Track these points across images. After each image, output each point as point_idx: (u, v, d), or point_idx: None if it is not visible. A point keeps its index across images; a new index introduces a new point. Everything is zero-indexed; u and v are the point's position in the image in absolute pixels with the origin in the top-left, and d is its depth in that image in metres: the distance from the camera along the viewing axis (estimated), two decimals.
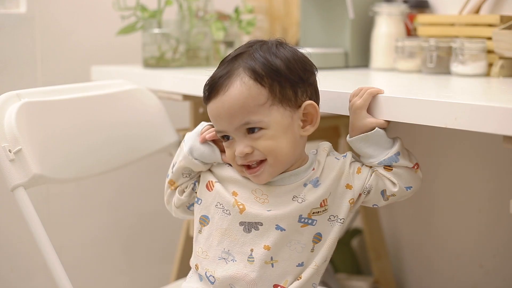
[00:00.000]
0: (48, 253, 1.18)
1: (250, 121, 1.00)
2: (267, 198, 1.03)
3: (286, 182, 1.04)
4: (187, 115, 1.75)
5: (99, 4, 1.93)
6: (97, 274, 2.01)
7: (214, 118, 1.03)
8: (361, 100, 1.03)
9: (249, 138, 1.01)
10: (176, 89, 1.51)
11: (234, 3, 1.90)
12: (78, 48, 1.92)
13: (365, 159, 1.07)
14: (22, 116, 1.22)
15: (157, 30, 1.66)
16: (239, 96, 1.00)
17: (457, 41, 1.39)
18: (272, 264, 1.02)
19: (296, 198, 1.03)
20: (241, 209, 1.03)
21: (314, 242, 1.05)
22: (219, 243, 1.04)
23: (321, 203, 1.04)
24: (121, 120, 1.46)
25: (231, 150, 1.03)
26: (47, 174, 1.23)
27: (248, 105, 1.00)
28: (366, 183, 1.07)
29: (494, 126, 0.87)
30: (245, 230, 1.03)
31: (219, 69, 1.05)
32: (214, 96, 1.02)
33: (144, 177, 2.05)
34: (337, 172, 1.06)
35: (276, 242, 1.02)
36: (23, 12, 1.81)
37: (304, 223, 1.03)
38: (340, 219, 1.06)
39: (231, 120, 1.01)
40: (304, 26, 1.75)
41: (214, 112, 1.03)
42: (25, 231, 1.24)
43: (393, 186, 1.07)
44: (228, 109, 1.00)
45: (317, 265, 1.05)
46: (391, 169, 1.06)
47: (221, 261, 1.04)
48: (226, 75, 1.02)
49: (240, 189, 1.05)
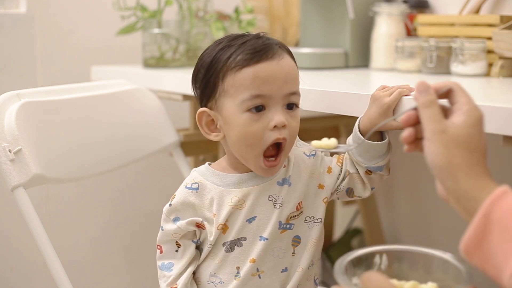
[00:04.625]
0: (48, 253, 1.18)
1: (297, 92, 0.99)
2: (244, 202, 1.01)
3: (258, 182, 1.02)
4: (187, 115, 1.75)
5: (99, 4, 1.93)
6: (98, 274, 2.01)
7: (264, 80, 0.96)
8: (391, 98, 0.99)
9: (285, 112, 0.98)
10: (176, 89, 1.51)
11: (234, 3, 1.90)
12: (78, 48, 1.92)
13: (355, 155, 1.06)
14: (22, 116, 1.22)
15: (157, 30, 1.66)
16: (294, 67, 1.00)
17: (457, 41, 1.39)
18: (259, 275, 1.02)
19: (272, 198, 1.02)
20: (223, 229, 1.01)
21: (293, 245, 1.04)
22: (207, 266, 1.04)
23: (297, 206, 1.03)
24: (121, 120, 1.46)
25: (260, 125, 0.96)
26: (47, 174, 1.23)
27: (298, 79, 1.00)
28: (338, 184, 1.07)
29: (494, 126, 0.87)
30: (227, 250, 1.02)
31: (251, 41, 0.98)
32: (269, 58, 0.96)
33: (144, 177, 2.05)
34: (309, 173, 1.05)
35: (260, 253, 1.01)
36: (23, 12, 1.81)
37: (283, 229, 1.02)
38: (318, 219, 1.06)
39: (284, 84, 0.97)
40: (304, 26, 1.75)
41: (267, 73, 0.96)
42: (25, 231, 1.24)
43: (363, 189, 1.08)
44: (286, 73, 0.97)
45: (302, 268, 1.04)
46: (371, 174, 1.07)
47: (210, 285, 1.04)
48: (276, 45, 0.99)
49: (219, 208, 1.01)
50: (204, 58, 1.01)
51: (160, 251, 1.05)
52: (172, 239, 1.04)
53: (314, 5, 1.72)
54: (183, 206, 1.02)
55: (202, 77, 1.01)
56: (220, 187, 1.02)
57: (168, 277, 1.03)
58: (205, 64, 1.00)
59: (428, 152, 0.78)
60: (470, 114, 0.77)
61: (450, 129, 0.77)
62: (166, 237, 1.04)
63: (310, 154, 1.07)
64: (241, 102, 0.96)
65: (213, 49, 1.01)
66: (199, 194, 1.02)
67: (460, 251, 0.74)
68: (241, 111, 0.96)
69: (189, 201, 1.02)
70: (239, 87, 0.96)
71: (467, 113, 0.77)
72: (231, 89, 0.97)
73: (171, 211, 1.03)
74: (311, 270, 1.06)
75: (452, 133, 0.76)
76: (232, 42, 0.99)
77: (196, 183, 1.03)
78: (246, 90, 0.96)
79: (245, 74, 0.96)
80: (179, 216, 1.03)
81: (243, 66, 0.96)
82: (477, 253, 0.73)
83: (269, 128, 0.96)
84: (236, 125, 0.97)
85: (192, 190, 1.02)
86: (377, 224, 1.94)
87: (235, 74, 0.96)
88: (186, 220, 1.02)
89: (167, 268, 1.04)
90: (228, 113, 0.98)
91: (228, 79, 0.97)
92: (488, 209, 0.71)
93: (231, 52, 0.98)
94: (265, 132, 0.96)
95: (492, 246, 0.71)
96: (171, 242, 1.04)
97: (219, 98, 0.99)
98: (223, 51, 0.99)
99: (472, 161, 0.75)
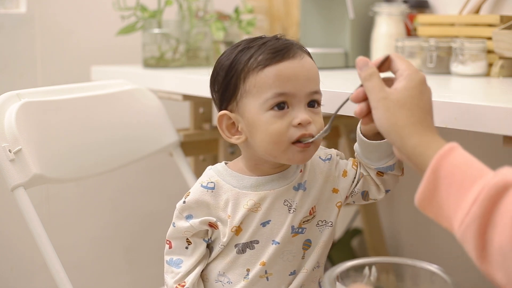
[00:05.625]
0: (48, 253, 1.18)
1: (318, 91, 0.99)
2: (260, 206, 1.00)
3: (275, 186, 1.01)
4: (187, 115, 1.75)
5: (99, 4, 1.93)
6: (98, 274, 2.01)
7: (287, 78, 0.95)
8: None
9: (308, 111, 0.97)
10: (176, 89, 1.50)
11: (234, 3, 1.90)
12: (78, 48, 1.92)
13: (362, 158, 1.06)
14: (22, 116, 1.22)
15: (157, 30, 1.66)
16: (315, 66, 0.99)
17: (457, 41, 1.39)
18: (267, 277, 1.01)
19: (287, 203, 1.01)
20: (237, 231, 1.01)
21: (304, 249, 1.04)
22: (216, 265, 1.04)
23: (310, 211, 1.03)
24: (121, 120, 1.46)
25: (284, 122, 0.95)
26: (47, 174, 1.23)
27: (319, 78, 1.00)
28: (353, 187, 1.07)
29: (494, 126, 0.87)
30: (239, 252, 1.01)
31: (271, 41, 0.98)
32: (291, 57, 0.96)
33: (144, 177, 2.06)
34: (324, 177, 1.05)
35: (271, 256, 1.01)
36: (23, 12, 1.81)
37: (295, 233, 1.02)
38: (329, 223, 1.05)
39: (307, 83, 0.96)
40: (304, 26, 1.75)
41: (290, 71, 0.95)
42: (25, 231, 1.24)
43: (377, 192, 1.07)
44: (308, 71, 0.97)
45: (307, 270, 1.03)
46: (383, 175, 1.06)
47: (218, 284, 1.03)
48: (295, 45, 0.99)
49: (234, 210, 1.01)
50: (223, 61, 1.00)
51: (170, 246, 1.04)
52: (183, 236, 1.03)
53: (314, 5, 1.72)
54: (197, 204, 1.01)
55: (221, 79, 0.99)
56: (237, 189, 1.00)
57: (176, 274, 1.02)
58: (225, 67, 0.99)
59: (375, 118, 0.85)
60: (410, 78, 0.84)
61: (392, 95, 0.83)
62: (177, 234, 1.03)
63: (325, 159, 1.06)
64: (264, 101, 0.95)
65: (232, 52, 1.00)
66: (215, 194, 1.01)
67: (415, 205, 0.79)
68: (264, 110, 0.95)
69: (204, 200, 1.01)
70: (262, 87, 0.95)
71: (408, 77, 0.84)
72: (253, 89, 0.96)
73: (185, 208, 1.02)
74: (316, 272, 1.06)
75: (394, 98, 0.83)
76: (251, 43, 0.99)
77: (212, 182, 1.01)
78: (269, 89, 0.95)
79: (267, 73, 0.95)
80: (192, 214, 1.01)
81: (265, 66, 0.95)
82: (430, 207, 0.78)
83: (293, 125, 0.95)
84: (259, 125, 0.96)
85: (208, 189, 1.01)
86: (377, 224, 1.94)
87: (258, 73, 0.95)
88: (199, 219, 1.01)
89: (176, 264, 1.03)
90: (250, 113, 0.97)
91: (250, 79, 0.96)
92: (436, 165, 0.76)
93: (251, 53, 0.97)
94: (289, 129, 0.95)
95: (442, 199, 0.76)
96: (182, 238, 1.03)
97: (241, 99, 0.97)
98: (242, 53, 0.98)
99: (414, 120, 0.81)
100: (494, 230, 0.70)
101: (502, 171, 0.72)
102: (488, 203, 0.71)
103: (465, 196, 0.73)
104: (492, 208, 0.70)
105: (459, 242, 0.74)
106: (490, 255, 0.70)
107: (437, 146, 0.79)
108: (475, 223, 0.71)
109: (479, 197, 0.71)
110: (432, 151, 0.78)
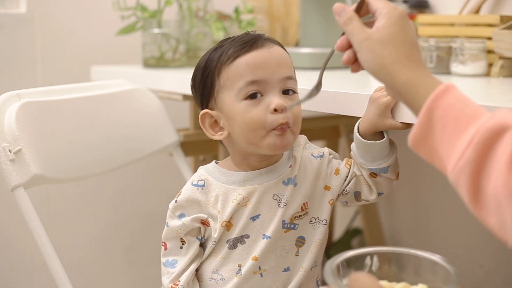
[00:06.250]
0: (48, 253, 1.18)
1: (292, 77, 1.01)
2: (249, 200, 1.01)
3: (263, 180, 1.02)
4: (187, 115, 1.75)
5: (99, 4, 1.93)
6: (98, 274, 2.01)
7: (258, 66, 0.98)
8: (389, 98, 0.98)
9: (283, 97, 0.99)
10: (176, 89, 1.51)
11: (234, 3, 1.90)
12: (78, 48, 1.92)
13: (357, 158, 1.06)
14: (22, 116, 1.22)
15: (157, 30, 1.66)
16: (285, 53, 1.02)
17: (457, 41, 1.39)
18: (261, 274, 1.02)
19: (277, 197, 1.02)
20: (228, 226, 1.02)
21: (297, 246, 1.04)
22: (209, 263, 1.05)
23: (302, 206, 1.03)
24: (121, 120, 1.46)
25: (260, 108, 0.97)
26: (47, 174, 1.23)
27: (291, 65, 1.02)
28: (345, 186, 1.07)
29: None
30: (230, 247, 1.02)
31: (240, 36, 1.02)
32: (259, 47, 0.99)
33: (144, 177, 2.05)
34: (315, 174, 1.06)
35: (263, 251, 1.01)
36: (23, 12, 1.81)
37: (287, 228, 1.03)
38: (322, 221, 1.06)
39: (278, 68, 0.99)
40: (304, 26, 1.75)
41: (259, 59, 0.98)
42: (25, 231, 1.24)
43: (369, 193, 1.08)
44: (278, 57, 1.00)
45: (305, 269, 1.04)
46: (376, 176, 1.06)
47: (212, 282, 1.04)
48: (263, 37, 1.02)
49: (224, 205, 1.02)
50: (199, 63, 1.05)
51: (165, 247, 1.06)
52: (177, 236, 1.04)
53: (314, 5, 1.72)
54: (189, 202, 1.03)
55: (199, 80, 1.04)
56: (226, 185, 1.02)
57: (171, 274, 1.04)
58: (201, 67, 1.03)
59: (361, 61, 0.83)
60: (389, 15, 0.82)
61: (374, 34, 0.82)
62: (171, 234, 1.05)
63: (317, 156, 1.08)
64: (238, 91, 0.98)
65: (207, 53, 1.05)
66: (205, 191, 1.03)
67: (408, 145, 0.77)
68: (238, 100, 0.98)
69: (195, 198, 1.03)
70: (234, 78, 0.98)
71: (387, 14, 0.82)
72: (227, 82, 0.99)
73: (177, 207, 1.04)
74: (314, 271, 1.06)
75: (376, 37, 0.81)
76: (223, 42, 1.03)
77: (202, 180, 1.04)
78: (241, 78, 0.98)
79: (238, 64, 0.98)
80: (184, 212, 1.04)
81: (235, 58, 0.99)
82: (423, 147, 0.77)
83: (269, 111, 0.97)
84: (237, 114, 0.98)
85: (198, 187, 1.03)
86: (377, 224, 1.94)
87: (229, 66, 0.99)
88: (191, 217, 1.03)
89: (171, 264, 1.05)
90: (228, 106, 0.99)
91: (223, 73, 0.99)
92: (430, 106, 0.75)
93: (222, 50, 1.01)
94: (267, 116, 0.97)
95: (436, 141, 0.74)
96: (176, 238, 1.05)
97: (218, 95, 1.01)
98: (215, 52, 1.02)
99: (400, 56, 0.80)
100: (488, 175, 0.68)
101: (498, 113, 0.70)
102: (482, 146, 0.69)
103: (459, 138, 0.71)
104: (486, 152, 0.69)
105: (452, 185, 0.73)
106: (484, 200, 0.69)
107: (429, 82, 0.77)
108: (468, 167, 0.69)
109: (474, 140, 0.69)
110: (423, 88, 0.77)
